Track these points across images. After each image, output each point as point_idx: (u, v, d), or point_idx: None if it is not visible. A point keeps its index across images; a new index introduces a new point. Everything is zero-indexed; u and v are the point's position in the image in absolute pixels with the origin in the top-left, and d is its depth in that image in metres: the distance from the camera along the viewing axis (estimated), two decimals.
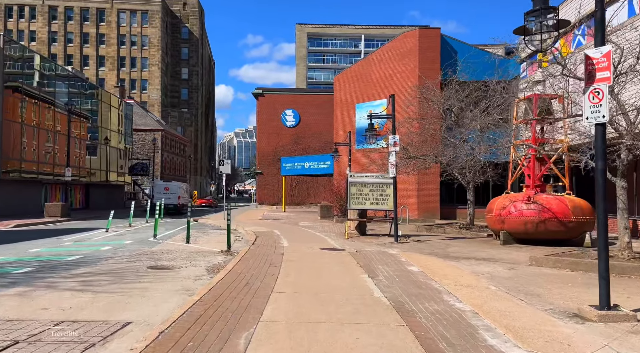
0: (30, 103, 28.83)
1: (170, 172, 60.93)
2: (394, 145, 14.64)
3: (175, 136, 64.57)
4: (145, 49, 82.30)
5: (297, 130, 48.24)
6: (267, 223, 22.84)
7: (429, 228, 18.77)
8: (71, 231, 18.62)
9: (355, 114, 30.74)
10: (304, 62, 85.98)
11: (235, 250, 12.53)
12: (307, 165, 35.03)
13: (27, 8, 79.77)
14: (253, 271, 8.47)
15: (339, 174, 28.86)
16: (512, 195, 14.11)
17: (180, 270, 9.04)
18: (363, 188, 16.49)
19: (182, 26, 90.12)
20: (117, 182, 43.77)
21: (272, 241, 14.33)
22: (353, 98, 31.19)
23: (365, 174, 16.71)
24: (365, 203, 16.44)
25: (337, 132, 31.82)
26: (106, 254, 11.35)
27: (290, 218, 27.32)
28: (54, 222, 24.07)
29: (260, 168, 48.48)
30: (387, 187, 16.35)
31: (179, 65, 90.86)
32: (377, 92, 29.43)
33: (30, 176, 29.18)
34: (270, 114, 48.29)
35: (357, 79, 31.16)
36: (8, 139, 26.41)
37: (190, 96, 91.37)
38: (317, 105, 48.05)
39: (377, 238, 16.00)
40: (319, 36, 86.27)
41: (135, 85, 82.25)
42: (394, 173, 14.89)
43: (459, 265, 9.90)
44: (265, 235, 16.26)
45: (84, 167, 36.04)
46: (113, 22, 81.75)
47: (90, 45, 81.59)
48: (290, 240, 14.86)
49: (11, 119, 26.70)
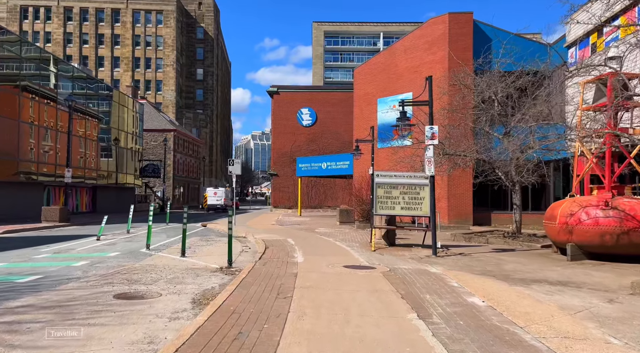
0: (28, 99, 27.05)
1: (183, 174, 59.14)
2: (431, 138, 12.06)
3: (188, 137, 62.84)
4: (160, 49, 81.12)
5: (313, 130, 45.82)
6: (280, 230, 20.43)
7: (467, 237, 16.08)
8: (60, 239, 16.48)
9: (377, 109, 28.17)
10: (320, 61, 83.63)
11: (238, 266, 10.12)
12: (325, 166, 32.56)
13: (42, 9, 79.38)
14: (252, 306, 6.01)
15: (360, 174, 26.30)
16: (581, 199, 11.37)
17: (155, 302, 6.64)
18: (392, 190, 13.93)
19: (197, 26, 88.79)
20: (127, 184, 41.97)
21: (284, 254, 11.87)
22: (375, 92, 28.62)
23: (394, 173, 14.17)
24: (395, 207, 13.88)
25: (357, 129, 29.27)
26: (75, 273, 9.04)
27: (306, 224, 24.87)
28: (49, 227, 22.09)
29: (275, 169, 46.18)
30: (422, 189, 13.76)
31: (194, 65, 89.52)
32: (402, 85, 26.82)
33: (29, 177, 27.39)
34: (285, 113, 45.99)
35: (379, 71, 28.59)
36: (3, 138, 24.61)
37: (206, 97, 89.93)
38: (335, 103, 45.60)
39: (410, 249, 13.40)
40: (336, 34, 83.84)
41: (150, 86, 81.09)
42: (432, 171, 12.29)
43: (534, 294, 7.28)
44: (277, 246, 13.83)
45: (90, 168, 34.23)
46: (128, 22, 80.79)
47: (105, 46, 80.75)
48: (305, 252, 12.38)
49: (7, 116, 24.91)
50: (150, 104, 64.92)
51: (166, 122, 55.68)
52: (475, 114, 16.99)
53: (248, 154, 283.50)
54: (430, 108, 12.31)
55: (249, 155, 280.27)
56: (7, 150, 25.18)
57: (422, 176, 13.89)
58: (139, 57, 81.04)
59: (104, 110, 38.17)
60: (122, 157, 42.01)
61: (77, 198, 34.26)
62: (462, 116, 17.14)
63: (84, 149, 33.48)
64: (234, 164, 24.11)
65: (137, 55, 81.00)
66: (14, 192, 26.16)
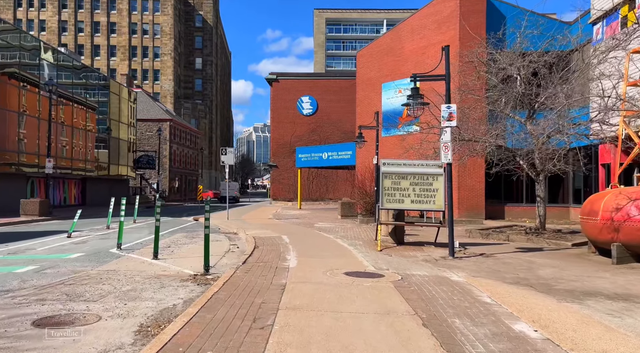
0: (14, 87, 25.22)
1: (180, 166, 57.39)
2: (448, 119, 10.20)
3: (185, 127, 60.99)
4: (157, 38, 78.95)
5: (314, 119, 43.92)
6: (276, 225, 18.66)
7: (485, 234, 14.26)
8: (27, 235, 14.75)
9: (382, 94, 26.25)
10: (322, 50, 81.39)
11: (217, 272, 8.36)
12: (326, 156, 30.74)
13: None
14: (212, 344, 4.22)
15: (363, 165, 24.45)
16: (629, 191, 9.53)
17: (87, 331, 4.86)
18: (401, 181, 12.11)
19: (195, 14, 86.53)
20: (119, 176, 40.24)
21: (276, 255, 10.10)
22: (379, 76, 26.69)
23: (403, 161, 12.34)
24: (404, 201, 12.06)
25: (361, 117, 27.37)
26: (10, 283, 7.28)
27: (305, 217, 23.10)
28: (26, 221, 20.37)
29: (275, 160, 44.37)
30: (435, 179, 11.95)
31: (193, 54, 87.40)
32: (409, 68, 24.82)
33: (13, 168, 25.67)
34: (285, 102, 44.07)
35: (384, 54, 26.62)
36: None
37: (205, 87, 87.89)
38: (337, 91, 43.65)
39: (421, 249, 11.61)
40: (338, 22, 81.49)
41: (147, 75, 79.08)
42: (449, 158, 10.45)
43: (597, 316, 5.48)
44: (268, 244, 12.06)
45: (77, 158, 32.47)
46: (124, 10, 78.55)
47: (101, 35, 78.63)
48: (300, 252, 10.60)
49: None
50: (147, 93, 63.02)
51: (162, 112, 53.83)
52: (492, 95, 15.08)
53: (250, 146, 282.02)
54: (447, 83, 10.44)
55: (251, 147, 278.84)
56: None
57: (436, 164, 12.06)
58: (136, 45, 78.93)
59: (96, 100, 36.32)
60: (115, 148, 40.26)
61: (64, 190, 32.56)
62: (478, 98, 15.23)
63: (71, 138, 31.70)
64: (227, 153, 22.37)
65: (133, 43, 78.88)
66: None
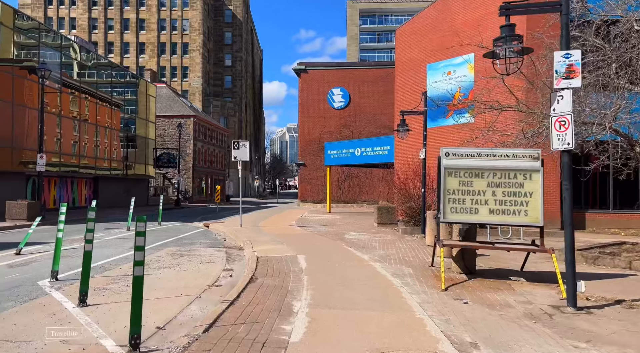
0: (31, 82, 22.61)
1: (205, 165, 54.56)
2: (567, 75, 6.02)
3: (211, 124, 58.19)
4: (186, 33, 76.96)
5: (346, 113, 39.87)
6: (296, 236, 14.80)
7: (590, 257, 9.85)
8: None
9: (427, 78, 21.96)
10: (355, 42, 77.18)
11: (156, 347, 4.55)
12: (359, 152, 26.68)
13: None
14: None
15: (404, 161, 20.25)
16: None
17: None
18: (474, 180, 8.00)
19: (225, 9, 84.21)
20: (137, 175, 37.49)
21: (276, 300, 6.22)
22: (423, 57, 22.40)
23: (478, 149, 8.23)
24: (479, 210, 7.95)
25: (400, 105, 23.14)
26: None
27: (334, 224, 19.15)
28: (5, 228, 17.38)
29: (303, 159, 40.61)
30: (526, 177, 7.80)
31: (222, 51, 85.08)
32: (461, 44, 20.47)
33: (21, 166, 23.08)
34: (314, 94, 40.24)
35: (428, 30, 22.32)
36: None
37: (234, 84, 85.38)
38: (371, 82, 39.44)
39: (509, 286, 7.44)
40: (372, 13, 77.03)
41: (176, 72, 77.22)
42: (567, 142, 6.21)
43: None
44: (275, 273, 8.20)
45: (84, 155, 29.71)
46: (153, 6, 76.98)
47: (130, 32, 77.36)
48: (318, 294, 6.68)
49: None
50: (173, 90, 60.74)
51: (186, 108, 51.11)
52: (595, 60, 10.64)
53: (283, 146, 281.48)
54: (566, 9, 6.18)
55: (284, 147, 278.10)
56: None
57: (528, 155, 7.87)
58: (165, 42, 77.20)
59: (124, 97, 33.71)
60: (142, 147, 37.65)
61: (73, 190, 29.89)
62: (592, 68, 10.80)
63: (79, 133, 28.97)
64: (240, 147, 18.65)
65: (162, 40, 77.18)
66: None
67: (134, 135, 37.06)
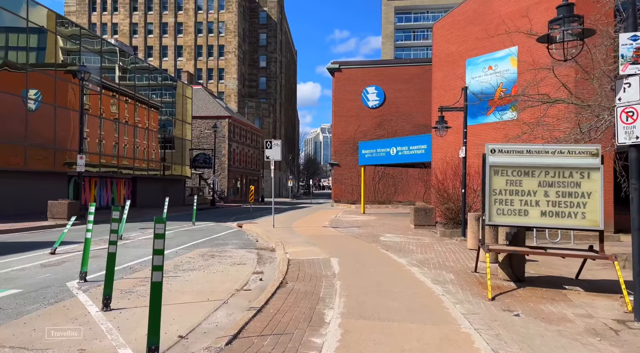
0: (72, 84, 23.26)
1: (240, 165, 55.01)
2: (636, 58, 5.29)
3: (246, 125, 58.65)
4: (222, 36, 78.07)
5: (381, 112, 39.13)
6: (329, 238, 14.36)
7: None
8: (13, 248, 11.71)
9: (466, 73, 21.04)
10: (390, 40, 76.01)
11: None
12: (394, 152, 25.94)
13: (109, 0, 79.34)
14: None
15: (442, 160, 19.44)
16: None
17: None
18: (523, 180, 7.32)
19: (260, 10, 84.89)
20: (173, 176, 38.09)
21: (307, 308, 5.79)
22: (462, 51, 21.49)
23: (527, 145, 7.52)
24: (529, 212, 7.26)
25: (437, 102, 22.29)
26: None
27: (368, 226, 18.58)
28: (47, 226, 17.82)
29: (336, 159, 40.14)
30: (584, 176, 7.06)
31: (257, 52, 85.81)
32: (502, 38, 19.38)
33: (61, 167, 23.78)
34: (348, 93, 39.72)
35: (468, 23, 21.39)
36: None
37: (269, 85, 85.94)
38: (407, 80, 38.54)
39: (564, 296, 6.71)
40: (408, 10, 75.64)
41: (212, 74, 78.47)
42: (635, 137, 5.48)
43: None
44: (307, 277, 7.79)
45: (123, 156, 30.35)
46: (190, 9, 78.56)
47: (169, 35, 79.23)
48: (352, 302, 6.20)
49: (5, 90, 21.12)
50: (209, 91, 61.66)
51: (221, 109, 51.67)
52: None
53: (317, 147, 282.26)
54: None
55: (318, 148, 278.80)
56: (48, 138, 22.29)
57: (586, 151, 7.11)
58: (201, 44, 78.60)
59: (163, 100, 34.43)
60: (178, 148, 38.32)
61: (113, 190, 30.61)
62: None
63: (118, 135, 29.63)
64: (272, 146, 18.37)
65: (199, 43, 78.62)
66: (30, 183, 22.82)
67: (171, 136, 37.70)
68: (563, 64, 10.82)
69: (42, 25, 23.13)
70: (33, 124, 22.32)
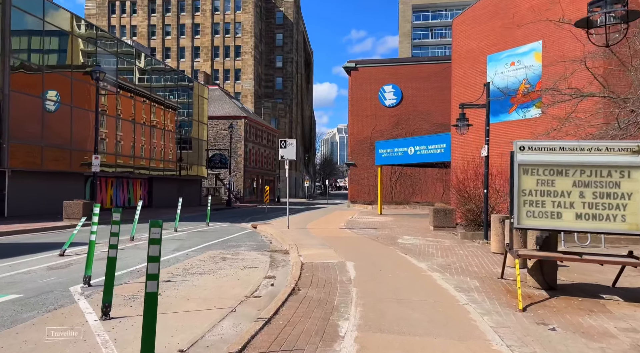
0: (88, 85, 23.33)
1: (256, 166, 54.88)
2: None
3: (262, 125, 58.52)
4: (239, 36, 78.21)
5: (398, 111, 38.45)
6: (345, 240, 13.87)
7: None
8: (24, 249, 11.58)
9: (487, 70, 20.32)
10: (408, 39, 75.07)
11: None
12: (412, 151, 25.30)
13: (128, 3, 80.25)
14: None
15: (462, 159, 18.76)
16: None
17: None
18: (556, 179, 6.73)
19: (276, 11, 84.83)
20: (189, 176, 38.06)
21: (320, 318, 5.33)
22: (483, 47, 20.78)
23: (560, 142, 6.93)
24: (562, 214, 6.68)
25: (457, 98, 21.61)
26: None
27: (386, 227, 18.04)
28: (62, 227, 17.77)
29: (353, 159, 39.59)
30: (624, 176, 6.46)
31: (273, 52, 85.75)
32: (525, 33, 18.78)
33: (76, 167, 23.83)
34: (365, 92, 39.14)
35: (489, 18, 20.67)
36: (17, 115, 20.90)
37: (285, 85, 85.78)
38: (424, 78, 37.79)
39: (603, 307, 6.10)
40: (426, 8, 74.58)
41: (229, 75, 78.65)
42: None
43: None
44: (320, 282, 7.33)
45: (139, 156, 30.36)
46: (207, 10, 78.91)
47: (186, 37, 79.72)
48: (369, 312, 5.72)
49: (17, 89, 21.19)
50: (225, 92, 61.73)
51: (237, 109, 51.61)
52: None
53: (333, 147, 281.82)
54: None
55: (334, 148, 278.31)
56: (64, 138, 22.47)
57: (626, 148, 6.50)
58: (218, 45, 78.85)
59: (180, 100, 34.48)
60: (195, 148, 38.32)
61: (129, 191, 30.64)
62: None
63: (135, 135, 29.63)
64: (287, 145, 17.97)
65: (216, 43, 78.88)
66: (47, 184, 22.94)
67: (188, 136, 37.68)
68: (595, 56, 10.15)
69: (63, 28, 23.23)
70: (51, 124, 22.38)
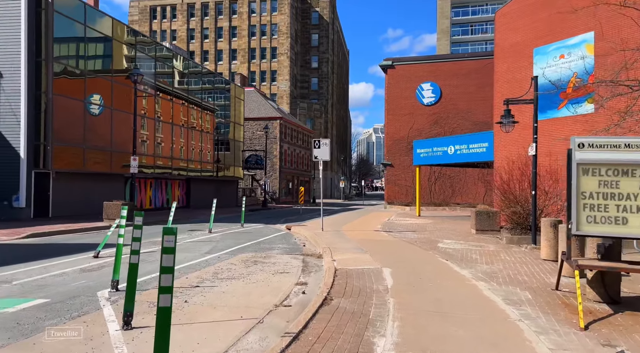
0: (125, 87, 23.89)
1: (291, 166, 54.86)
2: None
3: (297, 126, 58.49)
4: (275, 38, 78.68)
5: (436, 109, 37.31)
6: (381, 244, 13.30)
7: None
8: (62, 250, 11.72)
9: (533, 64, 19.17)
10: (446, 36, 73.19)
11: None
12: (452, 151, 24.32)
13: (168, 8, 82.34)
14: None
15: (507, 159, 17.73)
16: None
17: None
18: (621, 181, 5.97)
19: (312, 11, 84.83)
20: (226, 177, 38.38)
21: (353, 335, 4.84)
22: (528, 40, 19.63)
23: (626, 138, 6.15)
24: (629, 219, 5.91)
25: (500, 94, 20.51)
26: None
27: (424, 230, 17.29)
28: (101, 227, 18.09)
29: (389, 158, 38.75)
30: None
31: (309, 53, 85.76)
32: (575, 23, 17.56)
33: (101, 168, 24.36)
34: (402, 90, 38.23)
35: (536, 9, 19.50)
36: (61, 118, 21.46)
37: (320, 86, 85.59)
38: (464, 75, 36.50)
39: None
40: (465, 3, 72.46)
41: (265, 77, 79.26)
42: None
43: None
44: (354, 291, 6.84)
45: (178, 158, 30.78)
46: (244, 13, 79.87)
47: (223, 39, 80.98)
48: (409, 328, 5.18)
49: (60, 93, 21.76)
50: (262, 93, 62.14)
51: (273, 110, 51.77)
52: None
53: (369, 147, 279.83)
54: None
55: (370, 148, 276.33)
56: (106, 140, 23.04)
57: None
58: (254, 47, 79.62)
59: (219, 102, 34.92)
60: (232, 149, 38.68)
61: (167, 191, 31.14)
62: None
63: (173, 137, 30.07)
64: (321, 146, 17.53)
65: (252, 45, 79.69)
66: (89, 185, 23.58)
67: (224, 138, 38.00)
68: None
69: (105, 33, 23.83)
70: (93, 127, 22.94)
